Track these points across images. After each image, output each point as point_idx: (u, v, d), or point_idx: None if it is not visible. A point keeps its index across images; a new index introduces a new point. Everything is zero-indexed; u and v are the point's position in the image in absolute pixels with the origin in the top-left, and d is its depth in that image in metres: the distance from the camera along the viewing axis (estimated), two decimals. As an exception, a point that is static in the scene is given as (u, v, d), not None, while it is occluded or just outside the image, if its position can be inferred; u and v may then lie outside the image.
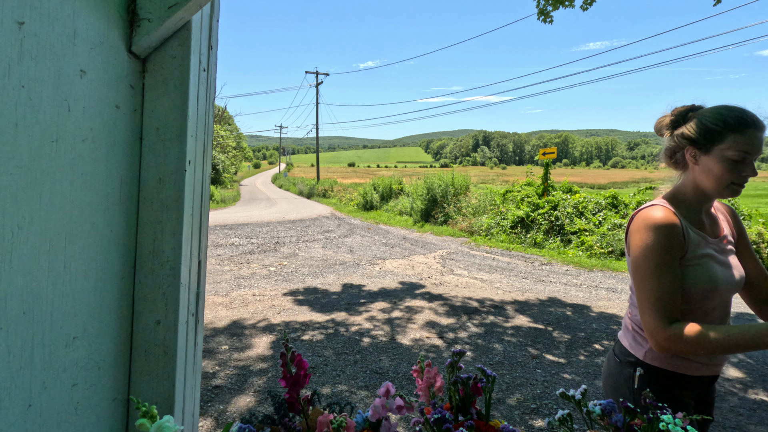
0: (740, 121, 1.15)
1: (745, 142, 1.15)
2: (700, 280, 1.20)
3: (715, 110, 1.19)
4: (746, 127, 1.14)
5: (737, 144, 1.15)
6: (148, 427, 0.58)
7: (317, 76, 34.53)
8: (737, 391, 3.30)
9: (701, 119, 1.20)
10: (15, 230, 0.60)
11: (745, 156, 1.16)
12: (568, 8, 5.77)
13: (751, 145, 1.15)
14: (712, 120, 1.18)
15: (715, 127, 1.17)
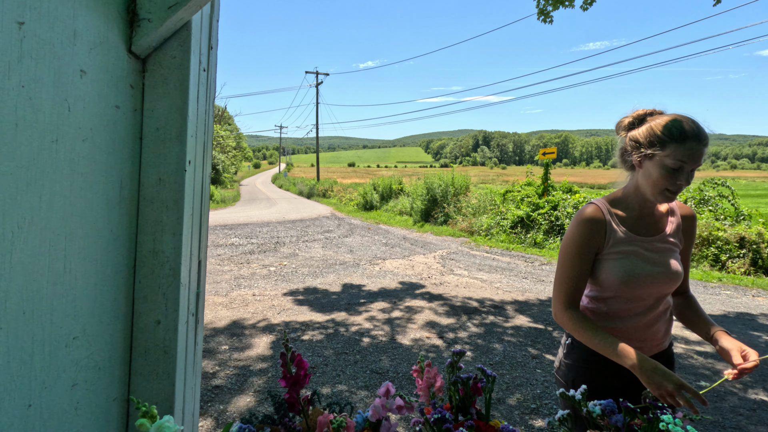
0: (682, 132, 1.22)
1: (682, 152, 1.22)
2: (618, 271, 1.32)
3: (665, 119, 1.26)
4: (686, 139, 1.21)
5: (675, 153, 1.22)
6: (148, 427, 0.58)
7: (317, 76, 34.53)
8: (737, 391, 3.30)
9: (652, 125, 1.27)
10: (15, 230, 0.60)
11: (682, 165, 1.23)
12: (568, 8, 5.77)
13: (688, 156, 1.22)
14: (660, 128, 1.25)
15: (660, 135, 1.24)
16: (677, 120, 1.25)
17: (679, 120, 1.25)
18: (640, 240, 1.35)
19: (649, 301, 1.36)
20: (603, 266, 1.35)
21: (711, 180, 10.00)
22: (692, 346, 4.17)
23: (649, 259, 1.34)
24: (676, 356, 3.90)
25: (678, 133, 1.22)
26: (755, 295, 6.15)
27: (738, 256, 7.84)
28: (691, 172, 1.25)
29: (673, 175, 1.25)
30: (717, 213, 9.28)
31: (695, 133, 1.22)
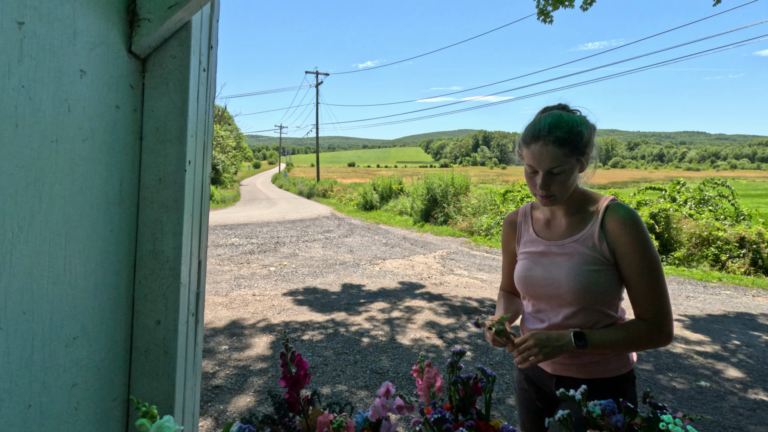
0: (528, 134, 1.16)
1: (529, 156, 1.15)
2: (516, 273, 1.33)
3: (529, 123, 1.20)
4: (531, 140, 1.15)
5: (526, 157, 1.17)
6: (148, 427, 0.58)
7: (317, 76, 34.54)
8: (737, 391, 3.30)
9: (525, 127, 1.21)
10: (15, 230, 0.60)
11: (534, 169, 1.16)
12: (568, 8, 5.77)
13: (532, 159, 1.15)
14: (522, 132, 1.20)
15: (519, 140, 1.21)
16: (533, 120, 1.18)
17: (534, 121, 1.17)
18: (540, 242, 1.29)
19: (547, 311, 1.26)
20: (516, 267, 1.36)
21: (711, 180, 10.00)
22: (692, 346, 4.17)
23: (547, 263, 1.25)
24: (675, 356, 3.90)
25: (525, 135, 1.17)
26: (755, 295, 6.15)
27: (738, 256, 7.84)
28: (548, 175, 1.14)
29: (532, 178, 1.18)
30: (717, 213, 9.28)
31: (540, 134, 1.13)
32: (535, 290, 1.27)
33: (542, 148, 1.12)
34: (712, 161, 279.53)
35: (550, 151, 1.12)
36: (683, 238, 8.44)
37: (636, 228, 1.14)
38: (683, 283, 6.74)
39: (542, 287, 1.26)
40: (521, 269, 1.31)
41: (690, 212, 9.07)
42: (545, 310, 1.28)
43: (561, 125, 1.13)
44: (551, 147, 1.12)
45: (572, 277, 1.19)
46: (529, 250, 1.31)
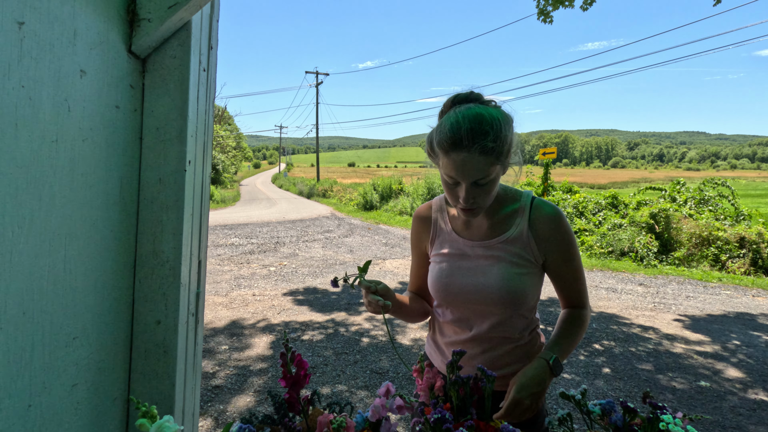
0: (446, 140, 0.98)
1: (450, 165, 0.99)
2: (432, 277, 1.17)
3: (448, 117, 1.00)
4: (451, 149, 0.97)
5: (445, 166, 1.00)
6: (148, 427, 0.58)
7: (317, 76, 34.54)
8: (737, 391, 3.30)
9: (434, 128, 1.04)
10: (15, 230, 0.60)
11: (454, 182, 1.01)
12: (568, 8, 5.77)
13: (455, 171, 0.98)
14: (436, 128, 1.02)
15: (433, 140, 1.02)
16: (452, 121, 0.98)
17: (454, 122, 0.98)
18: (462, 242, 1.14)
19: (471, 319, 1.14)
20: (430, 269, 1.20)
21: (711, 180, 10.00)
22: (692, 346, 4.17)
23: (469, 267, 1.12)
24: (675, 356, 3.90)
25: (443, 142, 0.98)
26: (755, 295, 6.15)
27: (738, 256, 7.84)
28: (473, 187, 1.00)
29: (453, 189, 1.03)
30: (717, 213, 9.28)
31: (459, 140, 0.96)
32: (457, 298, 1.13)
33: (465, 158, 0.97)
34: (712, 161, 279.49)
35: (475, 162, 0.97)
36: (683, 238, 8.44)
37: (565, 224, 1.11)
38: (683, 283, 6.74)
39: (467, 294, 1.12)
40: (439, 274, 1.15)
41: (690, 212, 9.07)
42: (468, 318, 1.15)
43: (485, 129, 0.96)
44: (476, 156, 0.96)
45: (503, 283, 1.09)
46: (448, 251, 1.16)
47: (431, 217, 1.21)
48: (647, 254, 8.34)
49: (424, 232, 1.22)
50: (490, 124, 0.97)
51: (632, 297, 5.86)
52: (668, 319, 4.95)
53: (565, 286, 1.15)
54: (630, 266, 7.81)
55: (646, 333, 4.48)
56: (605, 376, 3.51)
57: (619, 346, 4.12)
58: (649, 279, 6.96)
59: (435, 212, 1.21)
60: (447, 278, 1.14)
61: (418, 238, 1.25)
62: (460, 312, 1.15)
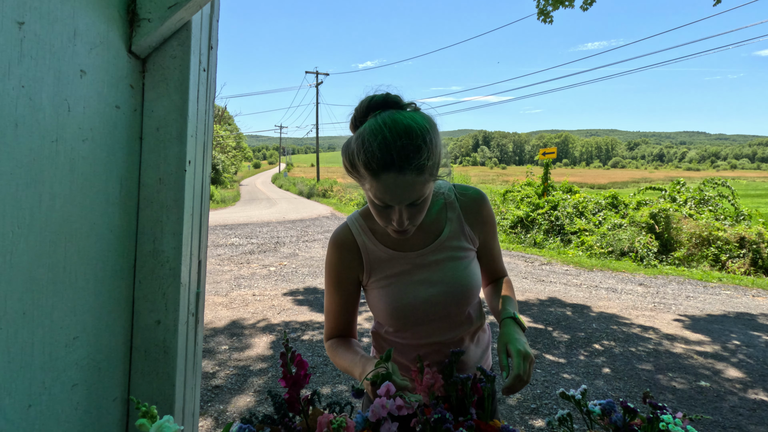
0: (375, 161, 0.85)
1: (379, 188, 0.87)
2: (385, 303, 1.05)
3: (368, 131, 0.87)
4: (382, 170, 0.85)
5: (374, 189, 0.88)
6: (148, 427, 0.58)
7: (317, 76, 34.55)
8: (737, 391, 3.30)
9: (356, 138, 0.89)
10: (15, 230, 0.60)
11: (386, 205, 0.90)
12: (568, 8, 5.77)
13: (387, 194, 0.87)
14: (358, 147, 0.88)
15: (356, 160, 0.89)
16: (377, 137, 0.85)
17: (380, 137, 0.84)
18: (404, 257, 1.05)
19: (438, 331, 1.08)
20: (370, 297, 1.09)
21: (711, 180, 10.00)
22: (692, 346, 4.17)
23: (423, 280, 1.04)
24: (675, 356, 3.90)
25: (372, 162, 0.85)
26: (755, 295, 6.15)
27: (738, 256, 7.84)
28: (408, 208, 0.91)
29: (383, 212, 0.92)
30: (717, 213, 9.28)
31: (390, 161, 0.83)
32: (418, 314, 1.05)
33: (398, 180, 0.85)
34: (712, 161, 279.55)
35: (410, 183, 0.86)
36: (683, 238, 8.44)
37: (488, 202, 1.12)
38: (683, 283, 6.74)
39: (429, 306, 1.05)
40: (394, 297, 1.04)
41: (690, 212, 9.07)
42: (438, 330, 1.08)
43: (417, 145, 0.85)
44: (411, 177, 0.85)
45: (460, 281, 1.05)
46: (393, 271, 1.05)
47: (356, 242, 1.06)
48: (647, 254, 8.34)
49: (353, 261, 1.06)
50: (422, 138, 0.86)
51: (632, 297, 5.86)
52: (668, 319, 4.95)
53: (492, 260, 1.17)
54: (630, 266, 7.81)
55: (646, 333, 4.48)
56: (605, 376, 3.51)
57: (619, 346, 4.12)
58: (649, 279, 6.96)
59: (358, 236, 1.06)
60: (403, 298, 1.04)
61: (344, 270, 1.07)
62: (422, 327, 1.07)
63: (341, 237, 1.07)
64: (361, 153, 0.86)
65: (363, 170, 0.88)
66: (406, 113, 0.90)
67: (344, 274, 1.07)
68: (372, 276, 1.07)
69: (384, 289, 1.06)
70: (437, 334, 1.08)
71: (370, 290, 1.08)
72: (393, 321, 1.06)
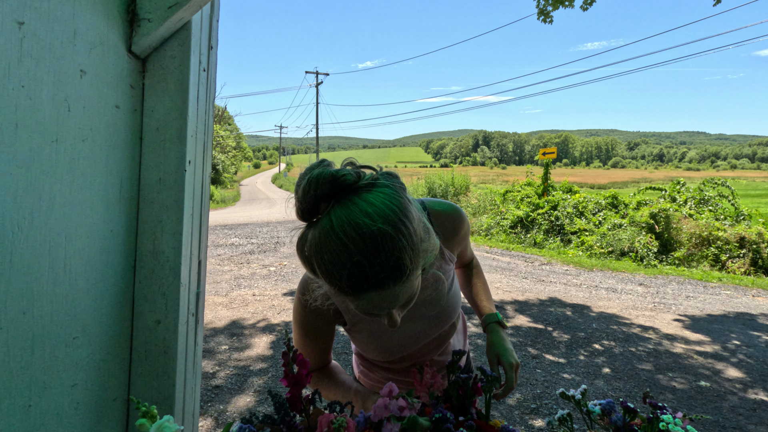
0: (349, 287, 0.71)
1: (363, 306, 0.77)
2: (372, 345, 1.03)
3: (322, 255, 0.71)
4: (358, 293, 0.72)
5: (356, 305, 0.77)
6: (148, 427, 0.58)
7: (317, 76, 34.55)
8: (737, 391, 3.30)
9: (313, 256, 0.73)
10: (15, 230, 0.60)
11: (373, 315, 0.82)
12: (568, 8, 5.77)
13: (372, 310, 0.78)
14: (321, 265, 0.72)
15: (326, 280, 0.74)
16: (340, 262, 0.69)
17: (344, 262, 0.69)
18: None
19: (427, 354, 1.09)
20: (356, 338, 1.06)
21: (711, 180, 10.00)
22: (692, 346, 4.17)
23: (411, 317, 1.02)
24: (675, 356, 3.90)
25: (347, 286, 0.71)
26: (755, 295, 6.15)
27: (738, 256, 7.84)
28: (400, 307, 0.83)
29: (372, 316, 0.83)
30: (717, 213, 9.28)
31: (367, 286, 0.71)
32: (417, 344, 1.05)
33: (378, 296, 0.73)
34: (712, 161, 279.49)
35: (393, 293, 0.74)
36: (683, 238, 8.44)
37: (464, 217, 1.08)
38: (683, 283, 6.74)
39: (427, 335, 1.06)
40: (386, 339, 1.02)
41: (690, 212, 9.07)
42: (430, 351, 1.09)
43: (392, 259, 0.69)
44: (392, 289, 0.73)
45: (447, 302, 1.06)
46: None
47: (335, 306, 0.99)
48: (647, 254, 8.34)
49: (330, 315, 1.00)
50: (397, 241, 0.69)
51: (632, 297, 5.86)
52: (668, 319, 4.95)
53: (462, 255, 1.18)
54: (630, 266, 7.81)
55: (646, 333, 4.48)
56: (605, 376, 3.51)
57: (619, 346, 4.12)
58: (649, 279, 6.96)
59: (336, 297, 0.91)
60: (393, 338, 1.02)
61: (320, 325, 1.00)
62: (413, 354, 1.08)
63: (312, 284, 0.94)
64: (325, 275, 0.72)
65: (340, 291, 0.74)
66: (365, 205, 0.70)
67: (320, 323, 1.00)
68: (357, 324, 1.02)
69: (371, 333, 1.02)
70: (429, 353, 1.11)
71: (356, 332, 1.04)
72: (383, 355, 1.06)
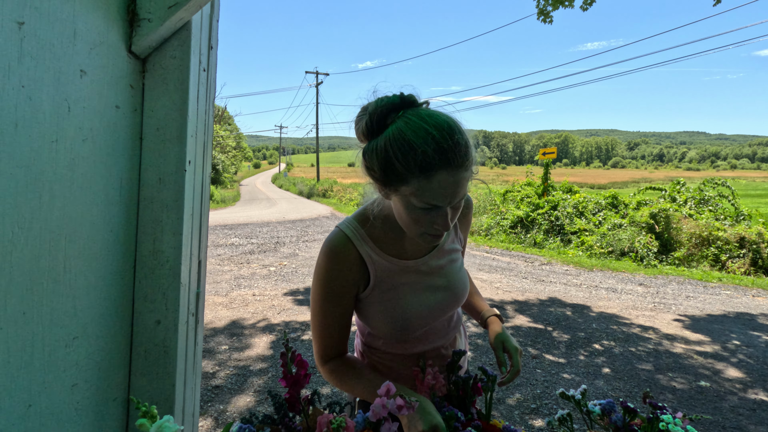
0: (425, 162, 0.80)
1: (431, 189, 0.82)
2: (390, 316, 1.00)
3: (404, 133, 0.82)
4: (432, 170, 0.81)
5: (422, 191, 0.83)
6: (148, 427, 0.58)
7: (317, 76, 34.55)
8: (737, 391, 3.30)
9: (390, 141, 0.83)
10: (15, 230, 0.60)
11: (433, 207, 0.85)
12: (568, 8, 5.77)
13: (438, 195, 0.83)
14: (396, 150, 0.82)
15: (396, 164, 0.83)
16: (420, 137, 0.81)
17: (424, 137, 0.81)
18: (411, 264, 1.02)
19: (435, 335, 1.08)
20: (369, 310, 1.03)
21: (711, 180, 10.01)
22: (692, 346, 4.17)
23: (428, 286, 1.03)
24: (675, 356, 3.90)
25: (421, 163, 0.80)
26: (755, 295, 6.15)
27: (738, 256, 7.85)
28: (453, 209, 0.88)
29: (426, 215, 0.87)
30: (717, 213, 9.28)
31: (445, 158, 0.81)
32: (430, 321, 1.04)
33: (448, 178, 0.82)
34: (712, 161, 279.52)
35: (460, 180, 0.83)
36: (683, 238, 8.44)
37: (470, 200, 1.14)
38: (683, 283, 6.74)
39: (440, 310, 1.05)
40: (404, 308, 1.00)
41: (690, 212, 9.07)
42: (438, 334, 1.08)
43: (462, 141, 0.82)
44: (461, 174, 0.83)
45: (460, 283, 1.08)
46: (399, 281, 1.01)
47: (359, 253, 0.98)
48: (647, 254, 8.34)
49: (355, 274, 0.99)
50: (461, 132, 0.84)
51: (632, 297, 5.86)
52: (668, 319, 4.95)
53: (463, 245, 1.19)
54: (630, 266, 7.81)
55: (646, 333, 4.48)
56: (605, 376, 3.51)
57: (619, 346, 4.12)
58: (649, 279, 6.96)
59: (361, 246, 0.98)
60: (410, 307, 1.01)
61: (345, 284, 0.99)
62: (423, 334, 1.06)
63: (339, 247, 0.97)
64: (409, 154, 0.81)
65: (410, 173, 0.82)
66: (432, 111, 0.86)
67: (345, 288, 0.99)
68: (376, 289, 1.00)
69: (389, 302, 1.00)
70: (437, 338, 1.08)
71: (370, 303, 1.02)
72: (396, 332, 1.02)
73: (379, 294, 1.01)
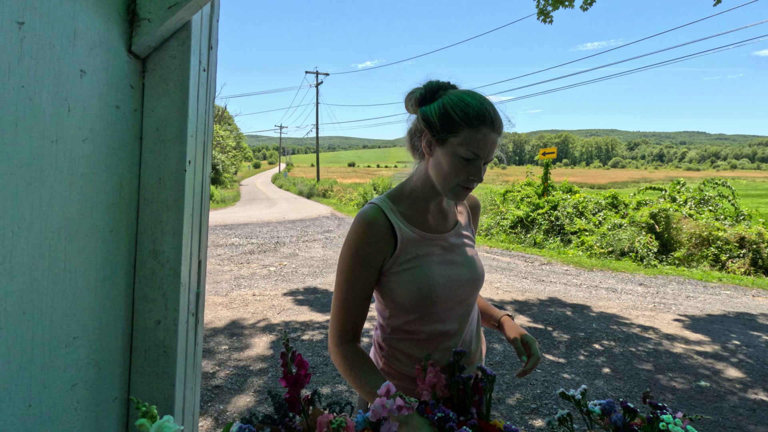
0: (479, 115, 0.99)
1: (477, 140, 0.99)
2: (415, 284, 1.05)
3: (459, 95, 1.02)
4: (481, 124, 0.99)
5: (469, 141, 0.99)
6: (148, 427, 0.58)
7: (317, 76, 34.54)
8: (737, 391, 3.30)
9: (445, 101, 1.02)
10: (15, 230, 0.60)
11: (476, 156, 1.01)
12: (568, 8, 5.77)
13: (482, 146, 1.00)
14: (454, 105, 1.01)
15: (454, 115, 1.00)
16: (474, 99, 1.01)
17: (476, 99, 1.01)
18: (434, 238, 1.11)
19: (455, 317, 1.11)
20: (394, 282, 1.07)
21: (711, 180, 10.00)
22: (692, 345, 4.17)
23: (449, 260, 1.11)
24: (675, 356, 3.90)
25: (474, 116, 0.99)
26: (755, 295, 6.15)
27: (738, 256, 7.85)
28: (484, 165, 1.04)
29: (465, 167, 1.02)
30: (717, 213, 9.28)
31: (491, 118, 1.00)
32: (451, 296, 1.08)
33: (490, 134, 1.00)
34: (712, 161, 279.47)
35: (495, 140, 1.02)
36: (683, 238, 8.44)
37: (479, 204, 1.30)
38: (683, 283, 6.74)
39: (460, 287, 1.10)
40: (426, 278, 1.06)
41: (690, 212, 9.07)
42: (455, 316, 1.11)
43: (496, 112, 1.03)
44: (496, 135, 1.02)
45: (481, 266, 1.19)
46: (422, 251, 1.08)
47: (389, 221, 1.06)
48: (647, 254, 8.34)
49: (384, 241, 1.05)
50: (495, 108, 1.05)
51: (632, 297, 5.87)
52: (668, 319, 4.95)
53: None
54: (630, 266, 7.81)
55: (646, 333, 4.48)
56: (605, 376, 3.51)
57: (619, 346, 4.12)
58: (649, 279, 6.96)
59: (390, 215, 1.07)
60: (432, 278, 1.06)
61: (373, 251, 1.05)
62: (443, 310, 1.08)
63: (372, 215, 1.05)
64: (466, 108, 1.00)
65: (464, 123, 0.99)
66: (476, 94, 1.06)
67: (373, 254, 1.04)
68: (400, 257, 1.06)
69: (412, 270, 1.06)
70: (454, 319, 1.11)
71: (394, 274, 1.06)
72: (418, 304, 1.05)
73: (402, 264, 1.06)
